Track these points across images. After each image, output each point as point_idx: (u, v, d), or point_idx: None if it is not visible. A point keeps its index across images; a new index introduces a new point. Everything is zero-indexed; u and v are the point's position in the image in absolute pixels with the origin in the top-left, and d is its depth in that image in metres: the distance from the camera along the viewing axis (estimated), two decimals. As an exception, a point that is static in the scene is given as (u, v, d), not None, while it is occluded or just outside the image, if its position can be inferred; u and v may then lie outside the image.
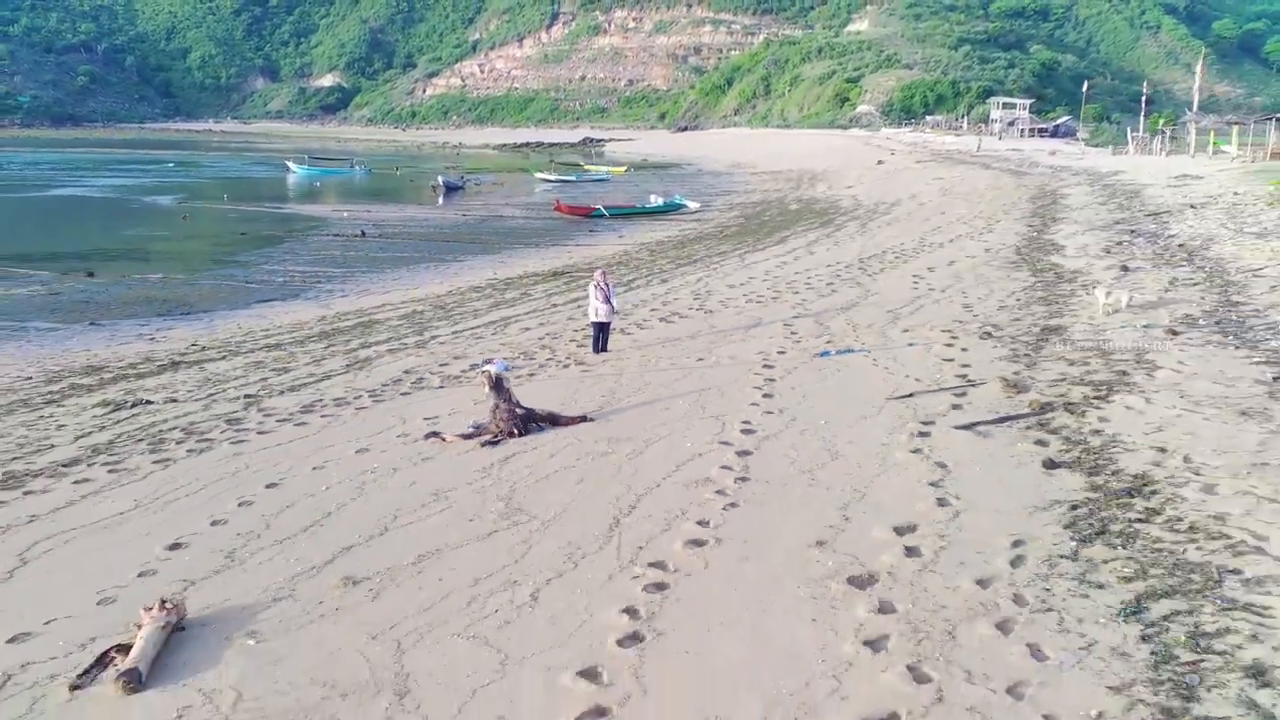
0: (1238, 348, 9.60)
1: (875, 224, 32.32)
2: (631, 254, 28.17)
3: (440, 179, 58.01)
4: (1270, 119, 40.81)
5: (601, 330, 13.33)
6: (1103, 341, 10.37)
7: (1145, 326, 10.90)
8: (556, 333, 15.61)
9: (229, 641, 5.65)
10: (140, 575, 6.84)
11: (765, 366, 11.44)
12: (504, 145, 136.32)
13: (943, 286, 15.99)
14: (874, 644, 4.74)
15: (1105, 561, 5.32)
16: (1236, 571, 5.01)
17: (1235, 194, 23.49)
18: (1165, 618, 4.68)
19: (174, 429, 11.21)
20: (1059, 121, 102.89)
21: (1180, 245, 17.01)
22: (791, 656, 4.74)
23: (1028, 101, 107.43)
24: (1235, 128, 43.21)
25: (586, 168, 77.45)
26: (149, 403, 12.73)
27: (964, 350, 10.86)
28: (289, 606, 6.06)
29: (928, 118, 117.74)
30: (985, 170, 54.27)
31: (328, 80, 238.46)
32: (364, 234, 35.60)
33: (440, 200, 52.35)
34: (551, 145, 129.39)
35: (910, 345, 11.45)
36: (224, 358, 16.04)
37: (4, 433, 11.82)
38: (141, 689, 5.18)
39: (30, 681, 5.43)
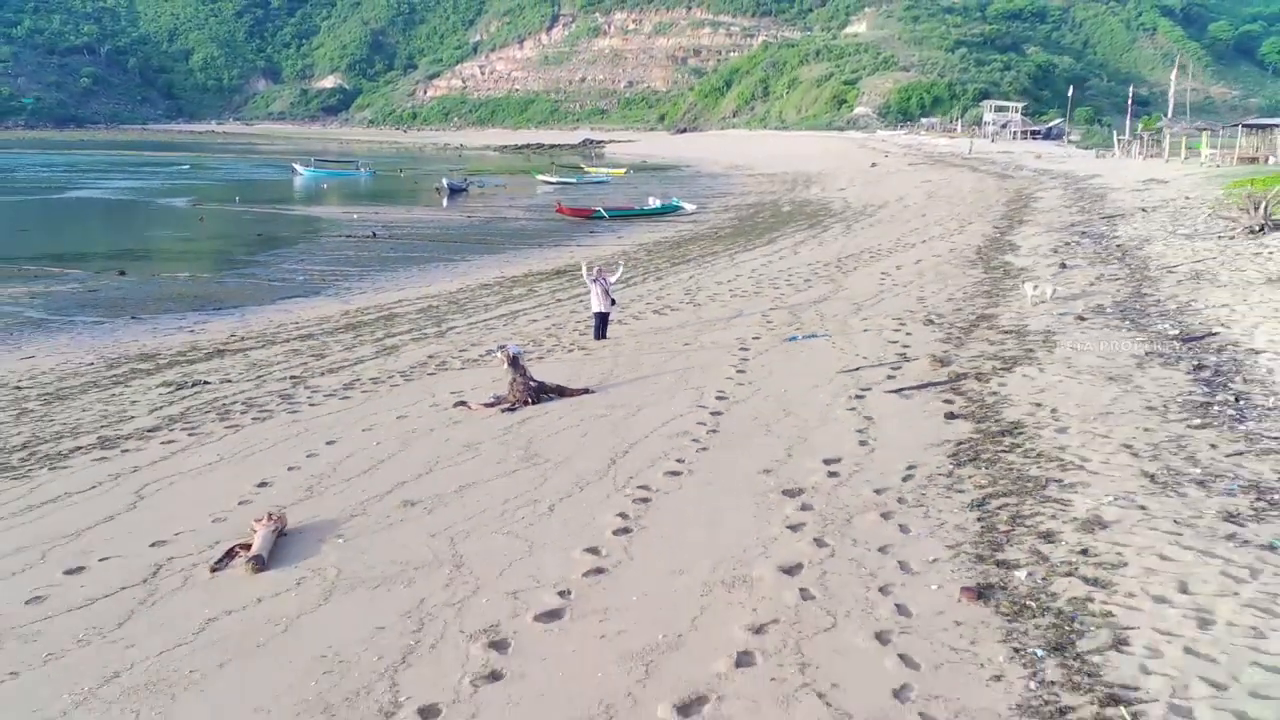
0: (1129, 330, 11.55)
1: (859, 226, 34.16)
2: (630, 254, 30.03)
3: (444, 181, 59.60)
4: (1238, 125, 42.72)
5: (602, 320, 15.24)
6: (1022, 327, 12.31)
7: (1061, 314, 12.84)
8: (561, 324, 17.53)
9: (323, 542, 7.56)
10: (240, 504, 8.74)
11: (741, 350, 13.36)
12: (505, 147, 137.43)
13: (905, 282, 17.93)
14: (794, 528, 6.66)
15: (969, 477, 7.24)
16: (1058, 480, 6.92)
17: (1187, 198, 25.42)
18: (998, 508, 6.60)
19: (235, 402, 13.10)
20: (1051, 124, 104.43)
21: (1119, 245, 18.96)
22: (735, 537, 6.66)
23: (1020, 105, 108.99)
24: (1205, 133, 45.15)
25: (587, 170, 78.94)
26: (207, 383, 14.63)
27: (908, 334, 12.80)
28: (364, 520, 7.98)
29: (923, 120, 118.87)
30: (972, 173, 55.94)
31: (329, 82, 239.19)
32: (375, 235, 37.36)
33: (445, 202, 53.93)
34: (552, 147, 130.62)
35: (865, 331, 13.40)
36: (263, 346, 17.93)
37: (85, 407, 13.72)
38: (265, 569, 7.09)
39: (178, 568, 7.34)
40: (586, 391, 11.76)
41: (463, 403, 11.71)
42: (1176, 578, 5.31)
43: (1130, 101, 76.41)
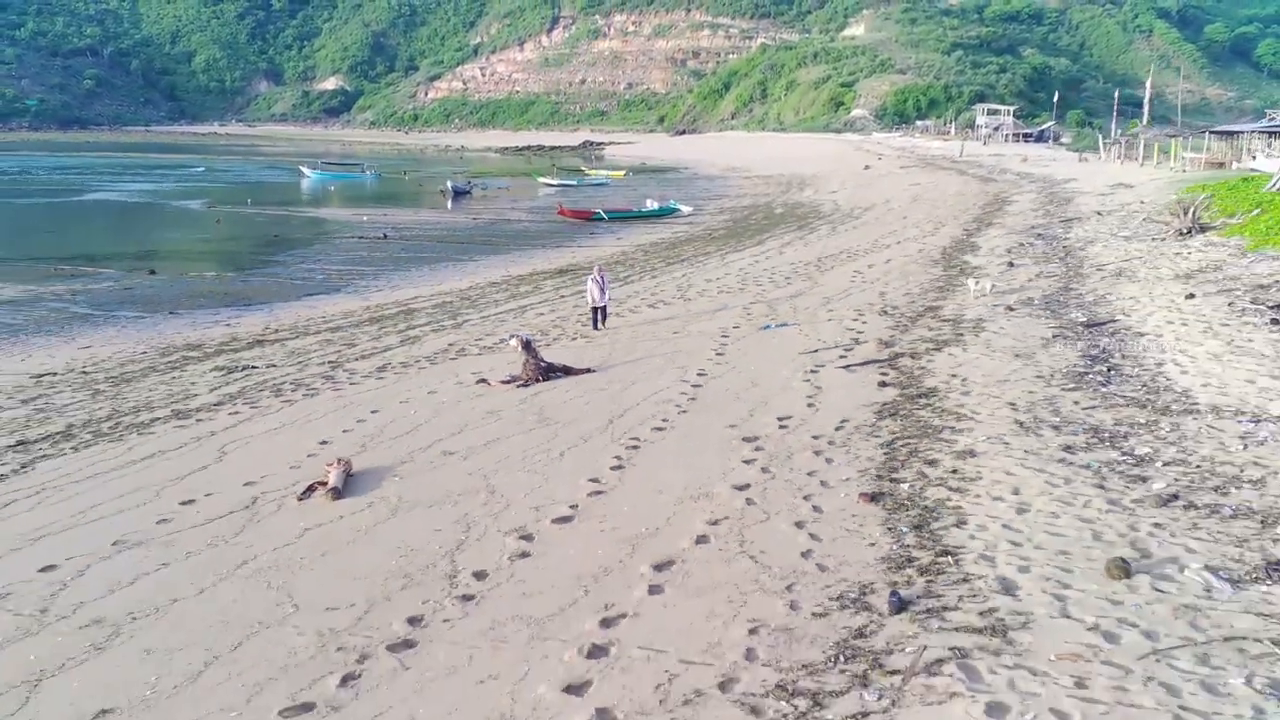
0: (1047, 318, 13.63)
1: (845, 228, 36.12)
2: (628, 254, 32.03)
3: (449, 184, 61.50)
4: (1205, 132, 44.75)
5: (599, 311, 17.32)
6: (959, 316, 14.39)
7: (994, 306, 14.91)
8: (565, 316, 19.60)
9: (383, 480, 9.63)
10: (308, 456, 10.78)
11: (722, 337, 15.43)
12: (506, 149, 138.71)
13: (873, 280, 20.01)
14: (747, 461, 8.74)
15: (886, 426, 9.32)
16: (952, 427, 8.98)
17: (1142, 203, 27.47)
18: (902, 445, 8.68)
19: (284, 382, 15.14)
20: (1043, 127, 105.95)
21: (1065, 246, 21.05)
22: (702, 469, 8.73)
23: (1011, 109, 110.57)
24: (1174, 140, 47.19)
25: (588, 172, 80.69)
26: (254, 367, 16.68)
27: (864, 323, 14.89)
28: (412, 465, 10.04)
29: (918, 123, 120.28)
30: (959, 176, 57.74)
31: (331, 83, 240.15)
32: (386, 236, 39.23)
33: (450, 204, 55.73)
34: (553, 149, 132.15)
35: (829, 320, 15.48)
36: (297, 337, 19.96)
37: (151, 387, 15.74)
38: (341, 498, 9.16)
39: (271, 499, 9.40)
40: (588, 371, 13.82)
41: (483, 380, 13.78)
42: (1012, 486, 7.38)
43: (1116, 104, 78.23)
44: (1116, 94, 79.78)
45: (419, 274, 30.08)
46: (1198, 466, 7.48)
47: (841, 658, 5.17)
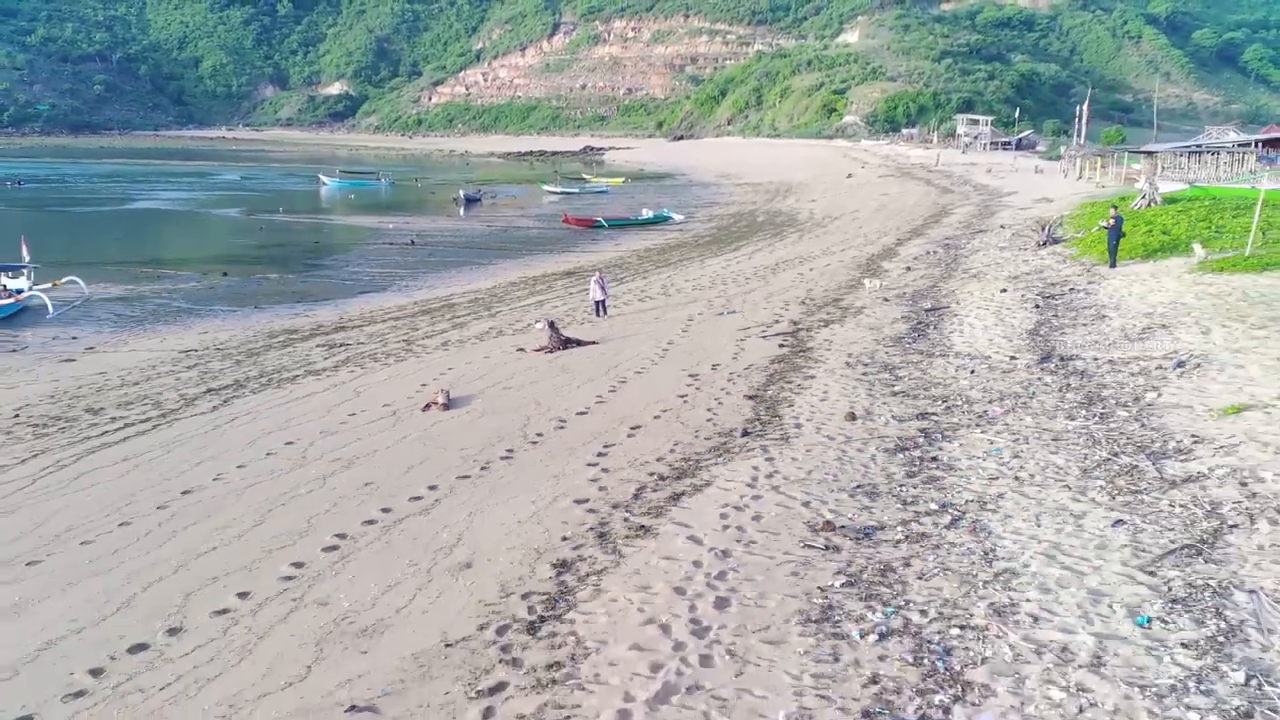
0: (905, 306, 19.86)
1: (810, 236, 42.25)
2: (624, 259, 38.20)
3: (461, 193, 67.44)
4: (1126, 151, 50.88)
5: (600, 305, 23.57)
6: (851, 305, 20.62)
7: (878, 298, 21.12)
8: (575, 308, 25.80)
9: (470, 402, 15.83)
10: (417, 391, 16.97)
11: (688, 321, 21.65)
12: (509, 154, 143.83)
13: (809, 280, 26.24)
14: (688, 385, 14.95)
15: (773, 367, 15.55)
16: (810, 367, 15.20)
17: (1041, 217, 33.66)
18: (777, 375, 14.90)
19: (376, 354, 21.31)
20: (1021, 135, 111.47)
21: (956, 254, 27.27)
22: (662, 389, 14.95)
23: (990, 117, 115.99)
24: (1099, 158, 53.41)
25: (592, 180, 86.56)
26: (348, 345, 22.86)
27: (786, 310, 21.13)
28: (485, 395, 16.24)
29: (904, 130, 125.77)
30: (924, 187, 63.57)
31: (335, 88, 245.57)
32: (413, 242, 45.21)
33: (462, 212, 61.54)
34: (554, 154, 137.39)
35: (765, 309, 21.72)
36: (369, 324, 26.10)
37: (278, 358, 21.83)
38: (449, 409, 15.35)
39: (404, 411, 15.59)
40: (594, 343, 20.03)
41: (521, 350, 20.01)
42: (824, 390, 13.60)
43: (1077, 116, 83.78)
44: (1078, 108, 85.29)
45: (449, 275, 35.97)
46: (923, 380, 13.69)
47: (713, 450, 11.40)
